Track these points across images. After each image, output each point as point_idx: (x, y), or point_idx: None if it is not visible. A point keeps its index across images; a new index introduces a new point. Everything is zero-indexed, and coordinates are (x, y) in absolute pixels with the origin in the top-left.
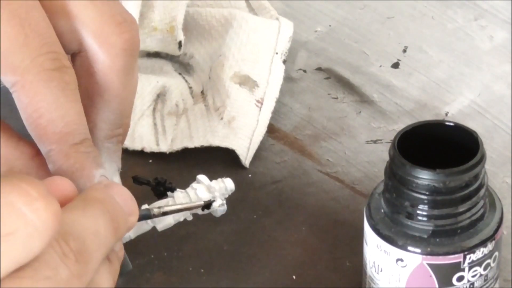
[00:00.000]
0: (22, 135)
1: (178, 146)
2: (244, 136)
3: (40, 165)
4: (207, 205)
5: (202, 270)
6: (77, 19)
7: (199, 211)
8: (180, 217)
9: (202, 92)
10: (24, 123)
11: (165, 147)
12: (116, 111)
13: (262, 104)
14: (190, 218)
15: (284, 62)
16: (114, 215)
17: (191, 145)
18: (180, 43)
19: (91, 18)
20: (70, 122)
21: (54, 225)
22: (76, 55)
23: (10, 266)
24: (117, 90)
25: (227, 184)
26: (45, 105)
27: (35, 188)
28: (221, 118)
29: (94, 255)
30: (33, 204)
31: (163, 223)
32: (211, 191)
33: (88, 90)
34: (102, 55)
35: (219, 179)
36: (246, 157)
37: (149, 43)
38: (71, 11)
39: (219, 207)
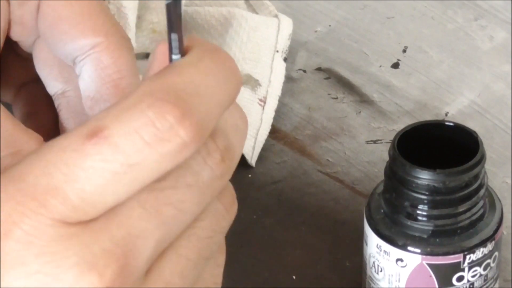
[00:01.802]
0: None
1: None
2: (248, 135)
3: None
4: None
5: None
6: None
7: None
8: None
9: None
10: (93, 85)
11: None
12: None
13: (265, 103)
14: None
15: (285, 60)
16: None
17: None
18: None
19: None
20: None
21: (183, 153)
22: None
23: (146, 179)
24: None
25: None
26: (127, 68)
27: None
28: None
29: (238, 150)
30: (159, 136)
31: None
32: None
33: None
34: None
35: None
36: (251, 156)
37: (148, 45)
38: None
39: None
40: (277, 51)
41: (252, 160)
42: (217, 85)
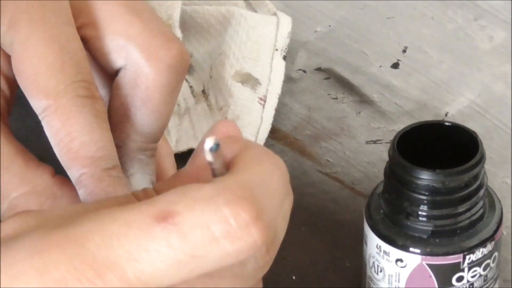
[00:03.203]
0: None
1: (183, 147)
2: (249, 134)
3: (60, 183)
4: None
5: None
6: (124, 36)
7: None
8: None
9: (203, 91)
10: (54, 150)
11: None
12: (153, 126)
13: (265, 101)
14: None
15: (285, 58)
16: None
17: (196, 146)
18: None
19: (139, 33)
20: (103, 147)
21: (252, 252)
22: (121, 70)
23: (205, 271)
24: (157, 106)
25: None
26: (78, 129)
27: (238, 215)
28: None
29: (281, 238)
30: (231, 234)
31: None
32: None
33: (128, 103)
34: (148, 68)
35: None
36: None
37: None
38: (118, 29)
39: None
40: (277, 50)
41: None
42: (277, 185)
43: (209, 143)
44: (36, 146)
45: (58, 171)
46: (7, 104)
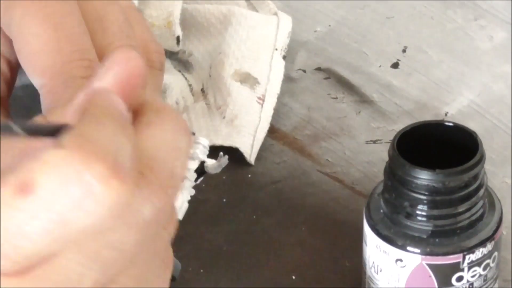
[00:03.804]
0: None
1: None
2: (247, 133)
3: None
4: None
5: (201, 271)
6: None
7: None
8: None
9: (202, 90)
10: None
11: None
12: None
13: (263, 101)
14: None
15: (284, 58)
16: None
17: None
18: (178, 38)
19: None
20: None
21: (119, 204)
22: None
23: (80, 233)
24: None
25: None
26: (65, 113)
27: (103, 165)
28: (223, 117)
29: (180, 174)
30: (91, 192)
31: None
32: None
33: None
34: None
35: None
36: (250, 154)
37: None
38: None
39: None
40: (276, 49)
41: (251, 158)
42: (119, 131)
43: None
44: None
45: None
46: (7, 86)
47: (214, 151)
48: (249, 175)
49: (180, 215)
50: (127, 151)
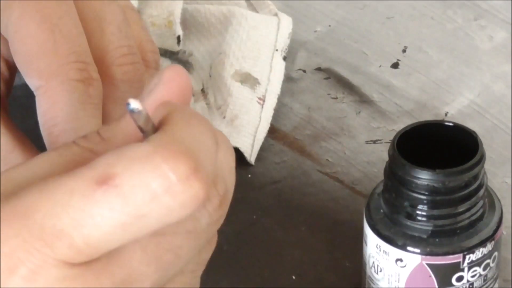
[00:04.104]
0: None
1: None
2: (247, 133)
3: None
4: None
5: None
6: None
7: None
8: None
9: (202, 90)
10: (40, 127)
11: None
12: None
13: (264, 101)
14: None
15: (285, 58)
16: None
17: None
18: (178, 38)
19: None
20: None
21: (195, 206)
22: None
23: (153, 229)
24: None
25: None
26: (62, 115)
27: (177, 169)
28: (224, 117)
29: (232, 192)
30: (172, 189)
31: None
32: None
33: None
34: None
35: None
36: (251, 154)
37: None
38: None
39: None
40: (277, 50)
41: (251, 158)
42: (207, 139)
43: (132, 104)
44: (36, 146)
45: None
46: (6, 86)
47: None
48: (249, 175)
49: None
50: (211, 154)
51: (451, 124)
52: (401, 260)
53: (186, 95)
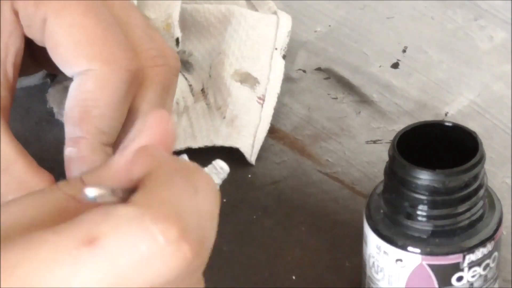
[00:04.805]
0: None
1: (181, 145)
2: (247, 133)
3: None
4: None
5: None
6: (87, 45)
7: None
8: None
9: (202, 90)
10: (68, 102)
11: None
12: (109, 125)
13: (263, 101)
14: None
15: (284, 57)
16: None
17: (194, 145)
18: (177, 40)
19: (99, 43)
20: (114, 126)
21: (184, 268)
22: (81, 73)
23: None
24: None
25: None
26: (106, 100)
27: (165, 232)
28: (224, 117)
29: (210, 240)
30: (161, 252)
31: None
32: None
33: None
34: (107, 73)
35: (211, 166)
36: (251, 154)
37: None
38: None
39: None
40: (276, 49)
41: (251, 158)
42: (188, 192)
43: (90, 192)
44: (36, 146)
45: (56, 171)
46: (10, 95)
47: (215, 151)
48: (249, 175)
49: None
50: (195, 215)
51: (451, 124)
52: (401, 260)
53: (169, 142)
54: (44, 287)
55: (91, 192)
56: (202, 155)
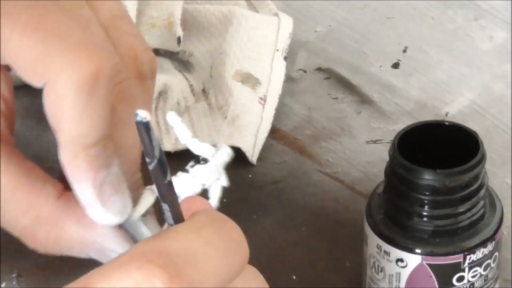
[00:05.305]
0: (47, 175)
1: (182, 145)
2: (249, 133)
3: (65, 204)
4: None
5: None
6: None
7: None
8: None
9: (203, 90)
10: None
11: (169, 146)
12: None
13: (265, 101)
14: None
15: (285, 58)
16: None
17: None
18: (179, 39)
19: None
20: (87, 129)
21: None
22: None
23: None
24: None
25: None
26: (63, 112)
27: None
28: (225, 117)
29: None
30: None
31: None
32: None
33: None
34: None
35: (217, 154)
36: (252, 154)
37: (148, 40)
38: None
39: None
40: (277, 50)
41: (253, 158)
42: (217, 256)
43: (141, 115)
44: (36, 146)
45: (56, 171)
46: (7, 122)
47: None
48: (250, 175)
49: None
50: (209, 266)
51: (451, 124)
52: (401, 260)
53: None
54: None
55: (142, 113)
56: None
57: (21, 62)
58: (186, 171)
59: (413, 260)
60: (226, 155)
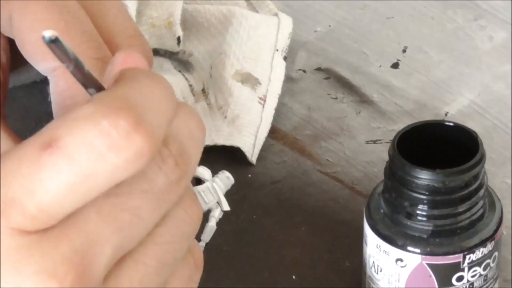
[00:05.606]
0: None
1: None
2: (248, 133)
3: None
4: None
5: None
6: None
7: None
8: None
9: (203, 90)
10: (52, 106)
11: None
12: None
13: (265, 101)
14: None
15: (285, 58)
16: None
17: None
18: (178, 39)
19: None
20: None
21: (140, 160)
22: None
23: (102, 188)
24: None
25: (226, 181)
26: (81, 94)
27: (117, 126)
28: (225, 117)
29: (193, 156)
30: (114, 145)
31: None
32: (214, 192)
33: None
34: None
35: (217, 178)
36: (252, 154)
37: (147, 40)
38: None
39: (218, 215)
40: (277, 50)
41: (252, 157)
42: (160, 97)
43: (46, 34)
44: None
45: None
46: (1, 91)
47: (215, 150)
48: (249, 175)
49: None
50: (161, 113)
51: (451, 124)
52: (401, 260)
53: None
54: (12, 197)
55: (48, 33)
56: (203, 155)
57: (32, 39)
58: None
59: (413, 259)
60: (226, 178)
